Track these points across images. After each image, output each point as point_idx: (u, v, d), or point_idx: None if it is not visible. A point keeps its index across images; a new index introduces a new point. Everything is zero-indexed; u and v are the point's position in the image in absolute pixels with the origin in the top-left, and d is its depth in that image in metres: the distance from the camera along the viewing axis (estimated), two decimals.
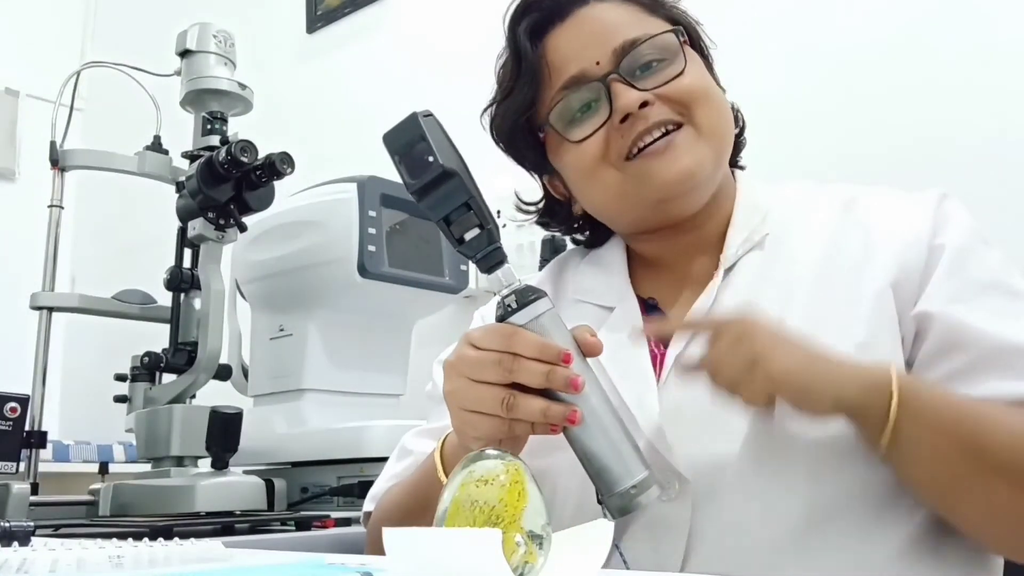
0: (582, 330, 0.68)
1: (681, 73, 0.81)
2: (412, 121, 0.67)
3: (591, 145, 0.82)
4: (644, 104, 0.79)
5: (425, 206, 0.68)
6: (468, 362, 0.67)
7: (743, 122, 0.92)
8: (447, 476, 0.71)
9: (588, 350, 0.68)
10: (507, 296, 0.68)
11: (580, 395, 0.65)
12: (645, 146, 0.79)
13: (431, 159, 0.66)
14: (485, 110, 0.91)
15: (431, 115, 0.69)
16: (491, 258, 0.68)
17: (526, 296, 0.67)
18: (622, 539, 0.74)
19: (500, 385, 0.65)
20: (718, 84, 0.88)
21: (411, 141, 0.67)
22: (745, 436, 0.72)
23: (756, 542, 0.70)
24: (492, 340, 0.66)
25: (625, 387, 0.76)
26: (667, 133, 0.79)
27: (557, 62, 0.83)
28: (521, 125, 0.87)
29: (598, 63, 0.81)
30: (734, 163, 0.92)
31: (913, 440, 0.66)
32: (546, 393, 0.65)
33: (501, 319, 0.68)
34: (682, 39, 0.83)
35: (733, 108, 0.91)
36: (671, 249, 0.87)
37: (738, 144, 0.92)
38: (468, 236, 0.68)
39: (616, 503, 0.65)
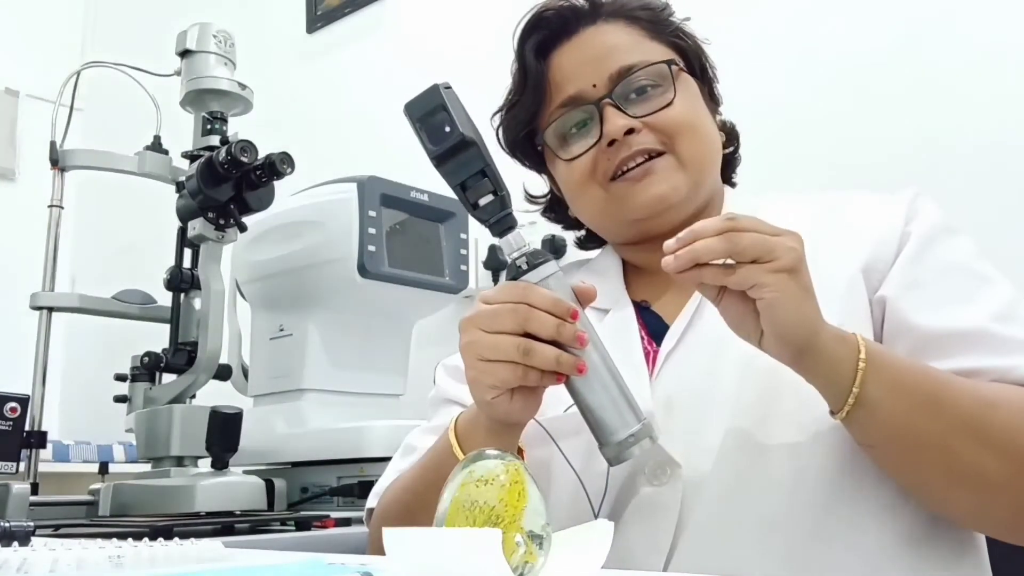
0: (577, 283, 0.74)
1: (669, 104, 0.85)
2: (433, 91, 0.72)
3: (580, 164, 0.87)
4: (630, 131, 0.84)
5: (443, 172, 0.73)
6: (484, 315, 0.70)
7: (738, 139, 0.97)
8: (464, 453, 0.73)
9: (584, 297, 0.73)
10: (518, 258, 0.72)
11: (584, 351, 0.69)
12: (628, 170, 0.85)
13: (449, 128, 0.71)
14: (495, 115, 0.96)
15: (450, 87, 0.73)
16: (503, 223, 0.73)
17: (536, 258, 0.72)
18: (617, 524, 0.76)
19: (515, 334, 0.68)
20: (717, 103, 0.94)
21: (432, 110, 0.72)
22: (730, 427, 0.76)
23: (741, 526, 0.74)
24: (507, 294, 0.70)
25: None
26: (649, 158, 0.85)
27: (558, 80, 0.89)
28: (522, 135, 0.93)
29: (594, 86, 0.86)
30: (727, 179, 0.97)
31: (876, 398, 0.68)
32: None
33: (513, 279, 0.72)
34: (677, 68, 0.88)
35: (728, 125, 0.96)
36: (660, 259, 0.89)
37: (732, 161, 0.97)
38: (483, 202, 0.73)
39: (613, 452, 0.69)
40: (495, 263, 1.85)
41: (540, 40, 0.91)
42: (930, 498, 0.74)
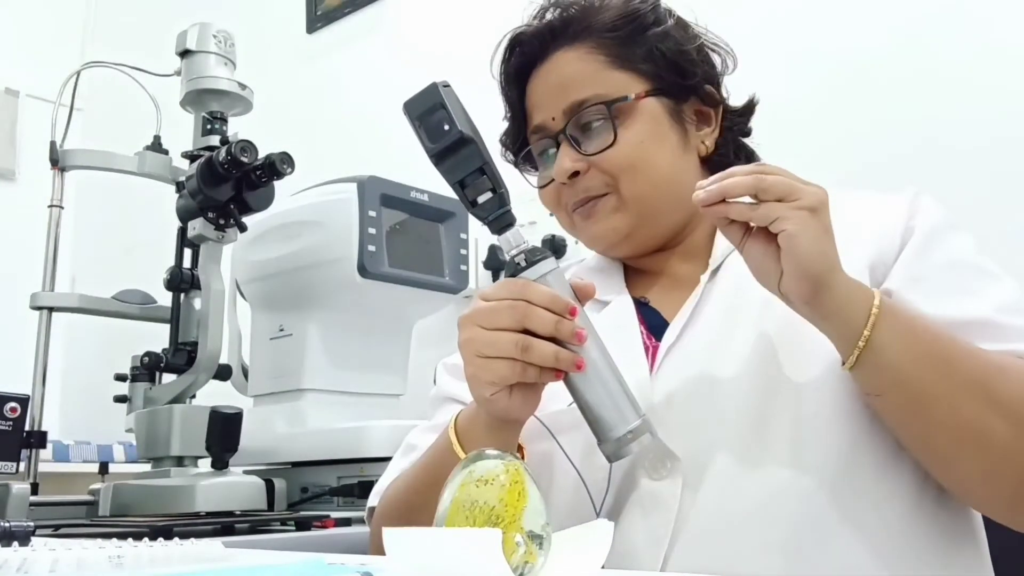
0: (575, 280, 0.74)
1: (610, 146, 0.85)
2: (432, 90, 0.73)
3: (548, 192, 0.92)
4: (575, 173, 0.86)
5: (442, 170, 0.73)
6: (483, 312, 0.71)
7: (743, 126, 0.96)
8: (464, 450, 0.74)
9: (583, 294, 0.74)
10: (517, 255, 0.73)
11: (582, 347, 0.70)
12: (580, 205, 0.88)
13: (448, 126, 0.71)
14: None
15: (449, 85, 0.74)
16: (502, 220, 0.73)
17: (534, 255, 0.72)
18: (617, 517, 0.77)
19: (513, 330, 0.69)
20: (716, 104, 0.92)
21: (431, 109, 0.72)
22: (730, 421, 0.76)
23: (741, 519, 0.74)
24: (505, 291, 0.71)
25: None
26: (594, 198, 0.87)
27: (529, 108, 0.92)
28: (515, 152, 0.97)
29: (553, 119, 0.89)
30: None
31: (886, 344, 0.69)
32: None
33: (511, 276, 0.73)
34: (633, 99, 0.86)
35: (734, 111, 0.95)
36: (658, 263, 0.93)
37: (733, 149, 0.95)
38: (481, 199, 0.73)
39: (611, 448, 0.70)
40: (495, 263, 1.85)
41: (517, 67, 0.93)
42: (934, 458, 0.73)
